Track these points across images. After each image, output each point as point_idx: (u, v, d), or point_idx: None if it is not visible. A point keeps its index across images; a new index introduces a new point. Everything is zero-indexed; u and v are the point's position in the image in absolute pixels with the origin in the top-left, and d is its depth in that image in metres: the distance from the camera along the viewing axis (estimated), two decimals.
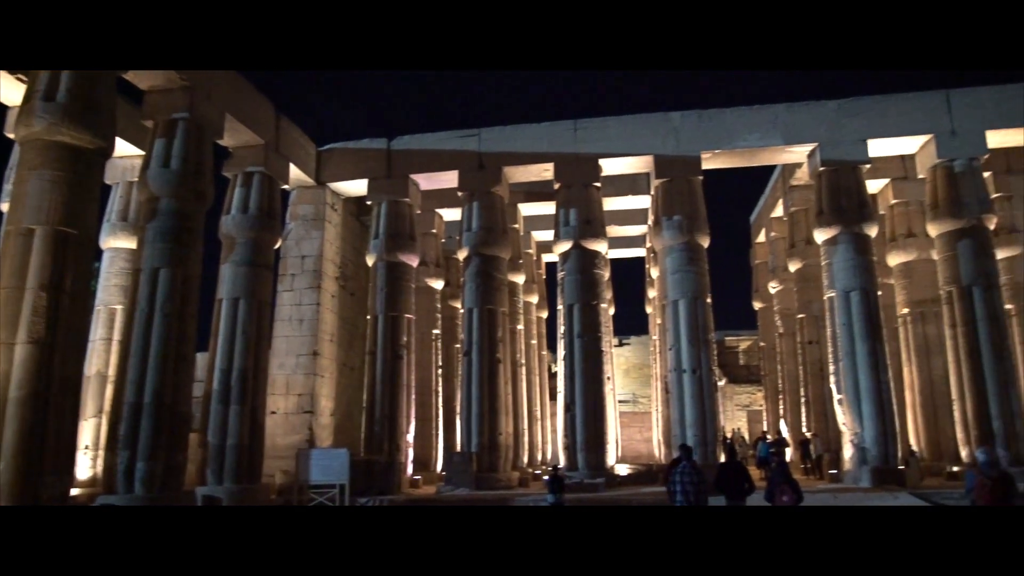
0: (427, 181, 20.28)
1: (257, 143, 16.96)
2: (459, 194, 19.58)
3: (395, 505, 15.69)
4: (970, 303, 17.16)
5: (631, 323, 44.60)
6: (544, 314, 27.44)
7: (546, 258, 27.44)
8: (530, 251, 25.25)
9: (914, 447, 19.27)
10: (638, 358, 38.89)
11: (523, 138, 19.36)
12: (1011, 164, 19.37)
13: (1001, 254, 18.63)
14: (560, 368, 18.46)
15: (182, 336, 13.69)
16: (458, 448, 18.92)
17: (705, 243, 18.30)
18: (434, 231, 22.38)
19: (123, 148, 16.07)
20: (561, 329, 18.59)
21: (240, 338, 15.98)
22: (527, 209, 22.74)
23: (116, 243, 17.01)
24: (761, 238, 27.33)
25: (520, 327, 23.00)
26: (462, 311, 19.50)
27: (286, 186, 18.75)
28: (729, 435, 29.35)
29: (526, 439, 22.67)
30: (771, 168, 23.77)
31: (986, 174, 18.44)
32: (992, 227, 17.81)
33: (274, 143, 17.47)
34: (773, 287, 25.28)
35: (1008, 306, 18.62)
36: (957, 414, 17.37)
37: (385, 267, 19.26)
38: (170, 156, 14.06)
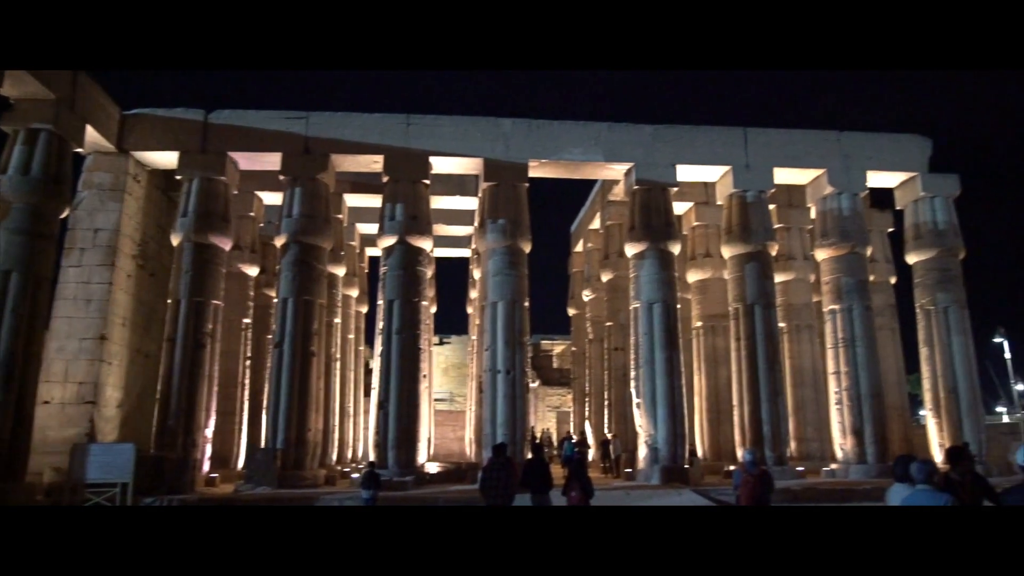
0: (247, 160, 19.14)
1: (46, 97, 15.04)
2: (281, 178, 18.67)
3: (185, 505, 14.59)
4: (752, 320, 19.24)
5: (453, 322, 44.97)
6: (364, 309, 26.90)
7: (370, 252, 26.94)
8: (353, 243, 24.65)
9: (698, 449, 21.18)
10: (458, 357, 39.33)
11: (353, 127, 18.88)
12: (792, 199, 21.98)
13: (779, 278, 21.09)
14: (376, 364, 18.18)
15: None
16: (263, 444, 17.98)
17: (527, 248, 18.90)
18: (252, 214, 21.14)
19: None
20: (380, 325, 18.32)
21: (9, 316, 14.07)
22: (353, 200, 22.17)
23: None
24: (579, 248, 28.76)
25: (338, 320, 22.37)
26: (276, 300, 18.60)
27: (80, 149, 16.83)
28: (538, 435, 30.53)
29: (336, 436, 22.06)
30: (592, 182, 25.11)
31: (772, 206, 20.79)
32: (774, 253, 20.12)
33: (68, 100, 15.58)
34: (587, 295, 26.70)
35: (781, 324, 21.10)
36: (736, 418, 19.38)
37: (193, 248, 17.89)
38: None
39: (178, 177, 18.46)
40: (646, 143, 19.53)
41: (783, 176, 20.27)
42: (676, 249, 19.54)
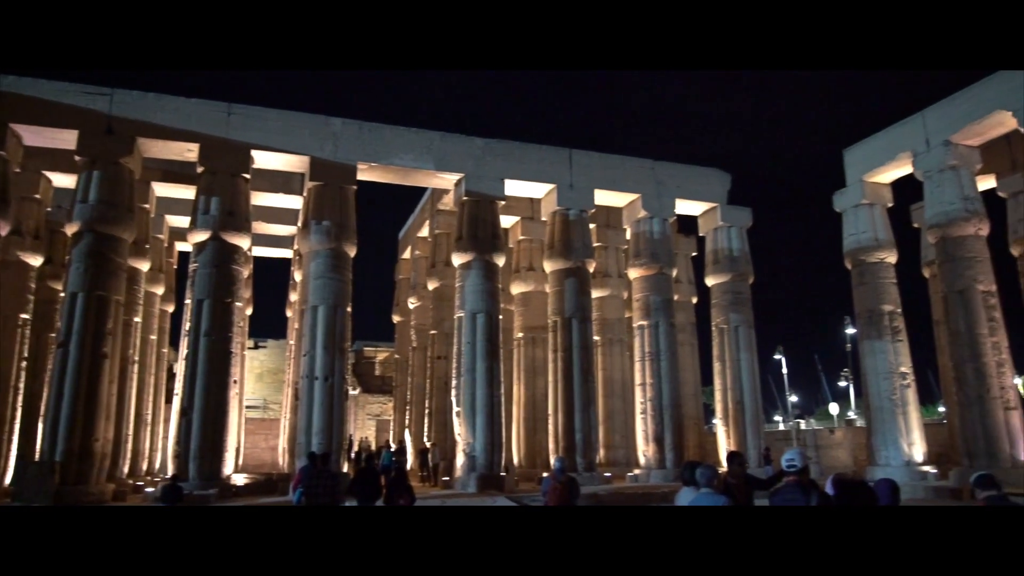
0: (34, 136, 17.01)
1: None
2: (77, 159, 16.79)
3: None
4: (569, 332, 20.15)
5: (272, 325, 42.92)
6: (171, 308, 24.84)
7: (180, 247, 24.95)
8: (161, 236, 22.69)
9: (515, 456, 21.76)
10: (274, 362, 37.53)
11: (167, 110, 17.43)
12: (610, 220, 23.35)
13: (596, 293, 22.29)
14: (180, 368, 16.83)
15: None
16: (37, 457, 15.94)
17: (352, 252, 18.44)
18: (37, 196, 18.75)
19: None
20: (187, 325, 17.00)
21: None
22: (163, 190, 20.43)
23: None
24: (407, 255, 28.60)
25: (138, 320, 20.42)
26: (64, 295, 16.64)
27: None
28: (356, 443, 29.84)
29: (130, 446, 20.11)
30: (423, 189, 25.09)
31: (592, 225, 21.94)
32: (592, 270, 21.22)
33: None
34: (412, 303, 26.58)
35: (596, 337, 22.29)
36: (551, 427, 20.14)
37: None
38: None
39: None
40: (477, 155, 19.85)
41: (603, 198, 21.47)
42: (501, 261, 20.01)
